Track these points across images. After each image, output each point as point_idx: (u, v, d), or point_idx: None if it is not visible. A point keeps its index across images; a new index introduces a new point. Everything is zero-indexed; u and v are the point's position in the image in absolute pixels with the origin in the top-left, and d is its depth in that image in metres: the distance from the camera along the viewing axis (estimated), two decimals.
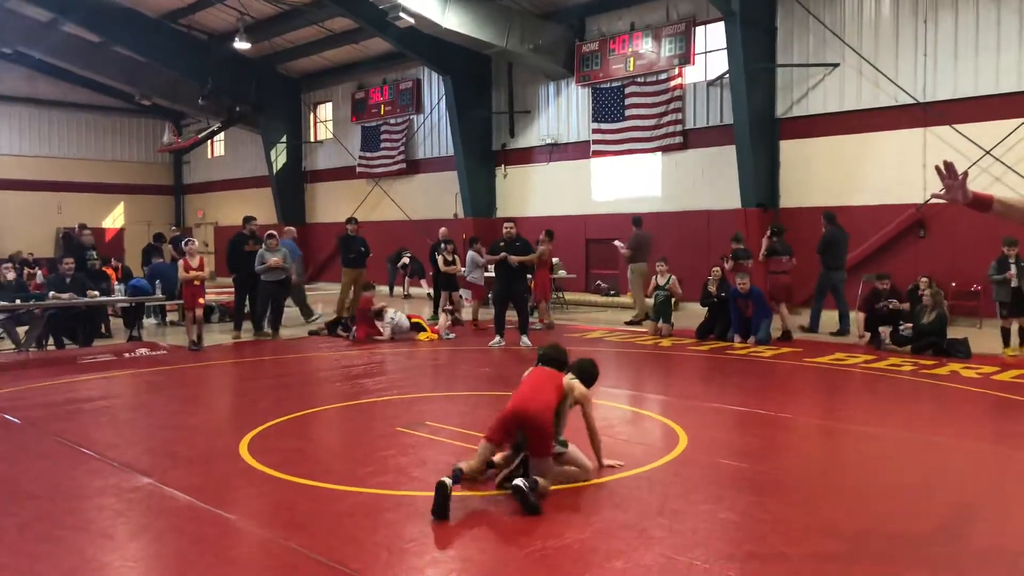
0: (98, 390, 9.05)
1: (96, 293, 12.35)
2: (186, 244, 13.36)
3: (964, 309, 13.62)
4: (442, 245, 16.21)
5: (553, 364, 5.79)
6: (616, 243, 16.05)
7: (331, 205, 26.92)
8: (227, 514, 4.94)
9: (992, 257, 13.35)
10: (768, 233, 13.61)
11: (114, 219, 32.11)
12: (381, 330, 13.16)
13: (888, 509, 4.97)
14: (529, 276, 13.55)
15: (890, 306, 11.68)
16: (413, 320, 13.71)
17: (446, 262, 15.27)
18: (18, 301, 11.35)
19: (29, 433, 7.04)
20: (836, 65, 15.60)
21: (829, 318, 13.60)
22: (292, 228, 17.60)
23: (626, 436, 6.96)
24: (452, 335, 13.50)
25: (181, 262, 12.78)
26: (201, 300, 12.31)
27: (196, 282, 12.41)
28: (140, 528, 4.80)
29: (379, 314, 13.31)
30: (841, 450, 6.44)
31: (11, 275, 11.85)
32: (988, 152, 13.91)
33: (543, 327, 14.44)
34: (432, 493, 4.85)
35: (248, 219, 14.42)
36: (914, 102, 14.66)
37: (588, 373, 5.90)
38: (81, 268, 13.18)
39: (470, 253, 15.44)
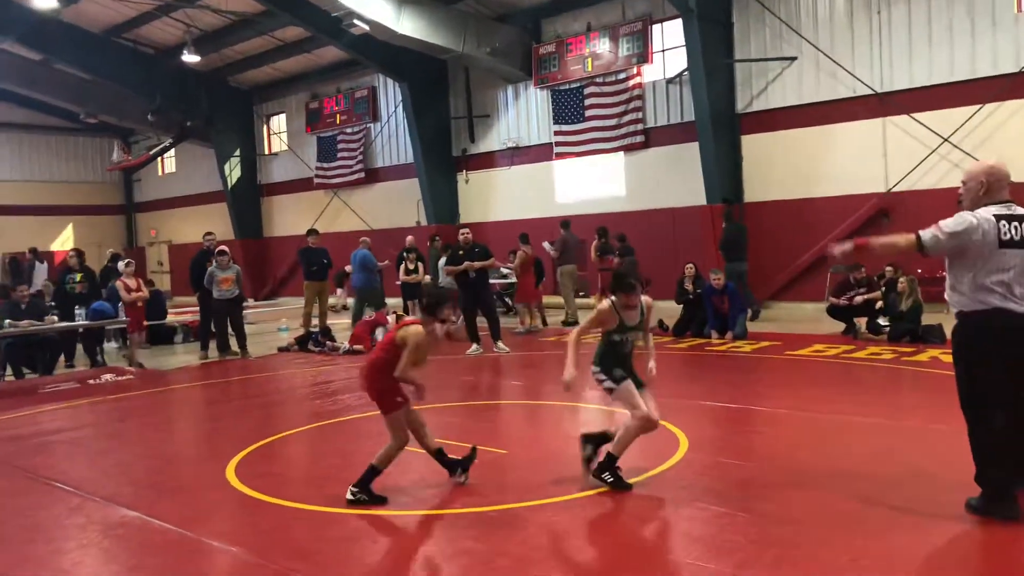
0: (66, 420, 8.66)
1: (55, 319, 11.88)
2: (126, 265, 13.03)
3: (931, 295, 13.74)
4: (404, 254, 16.00)
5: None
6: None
7: (289, 218, 26.44)
8: (227, 547, 4.69)
9: None
10: (596, 235, 15.20)
11: (63, 241, 31.13)
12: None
13: (908, 495, 4.90)
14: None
15: (856, 299, 11.79)
16: (398, 314, 13.59)
17: (407, 271, 15.05)
18: None
19: None
20: (794, 59, 15.73)
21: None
22: (367, 239, 16.99)
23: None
24: None
25: (120, 283, 12.46)
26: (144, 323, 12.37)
27: (139, 303, 12.40)
28: (133, 567, 4.53)
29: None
30: (846, 442, 6.37)
31: None
32: (946, 139, 14.12)
33: (524, 331, 14.33)
34: (426, 512, 4.67)
35: (207, 235, 14.05)
36: (872, 93, 14.84)
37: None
38: (60, 291, 12.84)
39: (441, 260, 15.25)
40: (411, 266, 15.04)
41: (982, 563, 4.21)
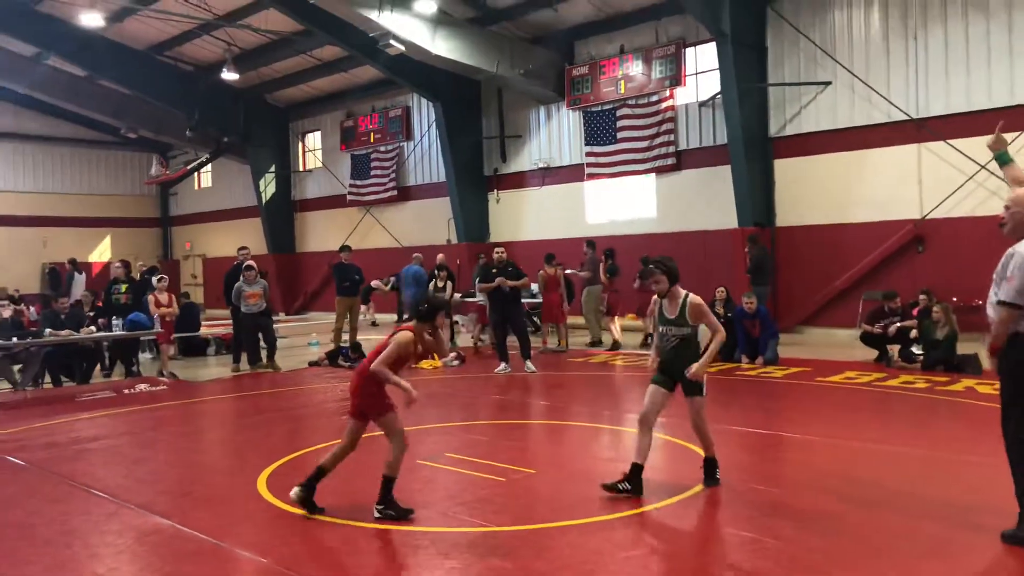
0: (102, 428, 8.82)
1: (93, 329, 12.13)
2: (159, 280, 13.33)
3: (967, 324, 13.55)
4: (435, 272, 16.13)
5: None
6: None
7: (321, 234, 26.75)
8: (258, 557, 4.75)
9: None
10: (604, 256, 15.45)
11: (100, 253, 31.74)
12: None
13: (940, 533, 4.85)
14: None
15: (890, 330, 11.66)
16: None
17: (436, 288, 15.13)
18: (15, 339, 11.08)
19: (37, 476, 6.81)
20: (828, 83, 15.69)
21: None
22: (419, 255, 17.20)
23: (652, 463, 6.80)
24: (456, 363, 13.33)
25: (151, 298, 12.71)
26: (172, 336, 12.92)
27: (168, 318, 12.80)
28: (168, 575, 4.60)
29: None
30: (878, 472, 6.31)
31: (7, 312, 11.58)
32: (983, 167, 13.97)
33: (544, 350, 14.35)
34: (454, 528, 4.71)
35: (240, 249, 14.27)
36: (907, 118, 14.74)
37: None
38: (107, 302, 13.13)
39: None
40: (440, 284, 15.14)
41: None
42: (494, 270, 12.47)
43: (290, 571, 4.51)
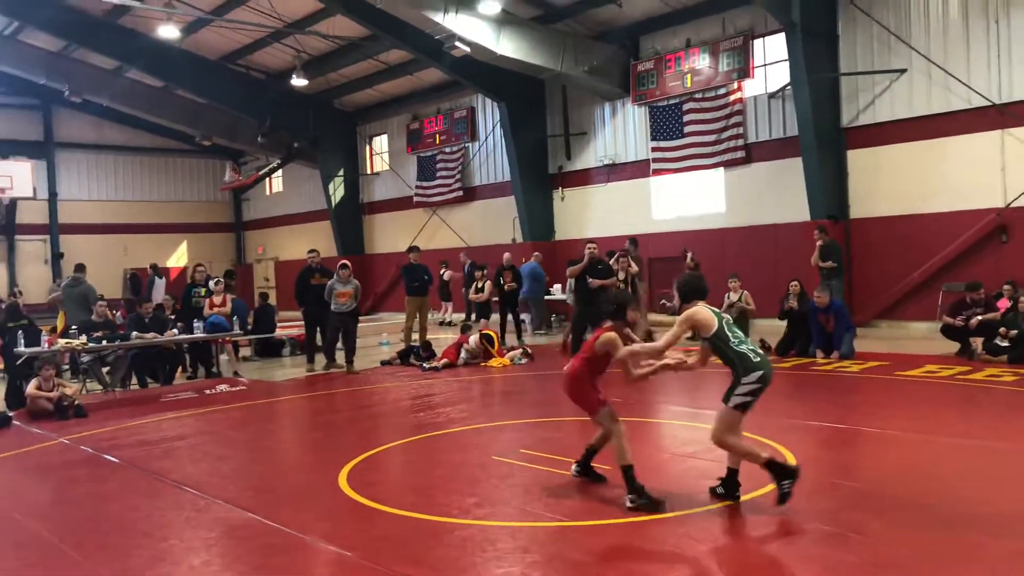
0: (187, 428, 9.14)
1: (176, 332, 12.57)
2: (215, 283, 13.79)
3: None
4: (501, 271, 16.30)
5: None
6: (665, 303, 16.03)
7: (389, 235, 27.16)
8: (343, 551, 4.88)
9: None
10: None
11: (178, 258, 32.81)
12: (464, 353, 13.32)
13: None
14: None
15: (972, 323, 11.29)
16: (484, 332, 13.80)
17: (476, 290, 15.15)
18: (104, 342, 11.56)
19: (130, 472, 7.11)
20: (903, 71, 15.24)
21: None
22: (538, 253, 18.36)
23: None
24: (523, 360, 13.40)
25: (207, 301, 13.22)
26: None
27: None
28: (258, 567, 4.76)
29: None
30: (964, 467, 6.15)
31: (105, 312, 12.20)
32: None
33: None
34: (534, 524, 4.74)
35: (310, 252, 14.56)
36: (989, 104, 14.22)
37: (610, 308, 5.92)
38: (187, 304, 13.67)
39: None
40: (480, 284, 15.22)
41: None
42: (583, 265, 12.52)
43: (375, 565, 4.63)
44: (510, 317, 16.36)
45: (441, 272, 20.39)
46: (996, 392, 9.05)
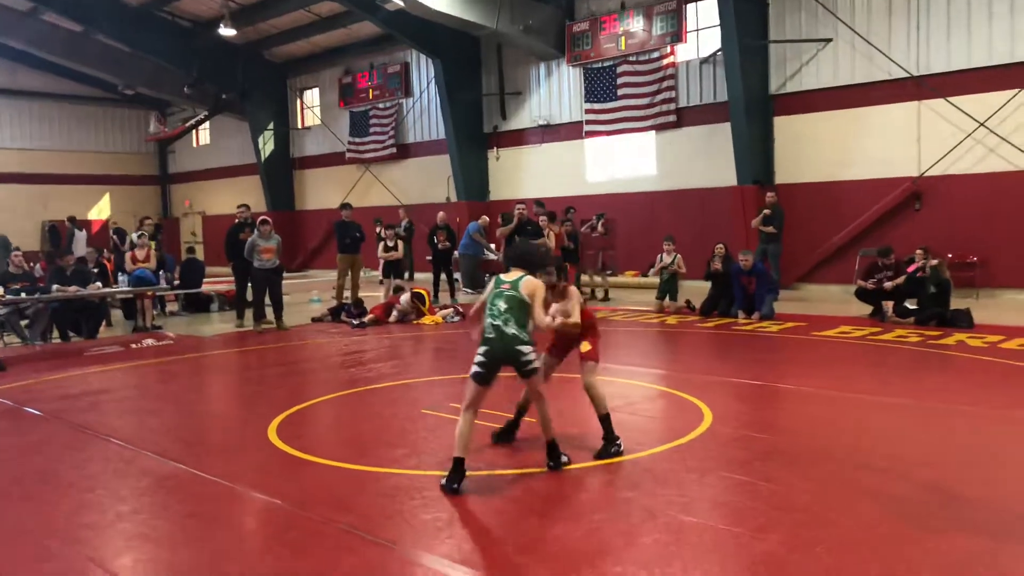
0: (113, 381, 9.02)
1: (99, 285, 12.29)
2: (138, 237, 13.62)
3: (962, 280, 13.76)
4: (435, 230, 16.32)
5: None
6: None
7: (321, 191, 26.81)
8: (272, 499, 4.97)
9: (993, 229, 13.68)
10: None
11: (100, 211, 31.78)
12: (395, 311, 13.34)
13: (928, 477, 5.06)
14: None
15: (885, 284, 11.84)
16: (415, 291, 13.85)
17: (385, 248, 15.11)
18: (23, 295, 11.25)
19: (55, 425, 7.01)
20: (829, 40, 15.67)
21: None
22: (486, 217, 18.23)
23: (651, 413, 7.04)
24: (456, 319, 13.52)
25: (128, 254, 13.09)
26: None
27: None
28: (188, 514, 4.82)
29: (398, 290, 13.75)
30: (870, 421, 6.54)
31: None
32: (982, 124, 14.05)
33: None
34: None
35: (240, 207, 14.32)
36: (908, 76, 14.76)
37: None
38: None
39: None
40: (391, 243, 15.17)
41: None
42: (512, 225, 12.59)
43: (304, 512, 4.73)
44: (443, 276, 16.42)
45: (377, 230, 20.11)
46: (902, 352, 9.56)
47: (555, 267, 5.79)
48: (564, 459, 5.40)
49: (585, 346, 5.83)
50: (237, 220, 13.91)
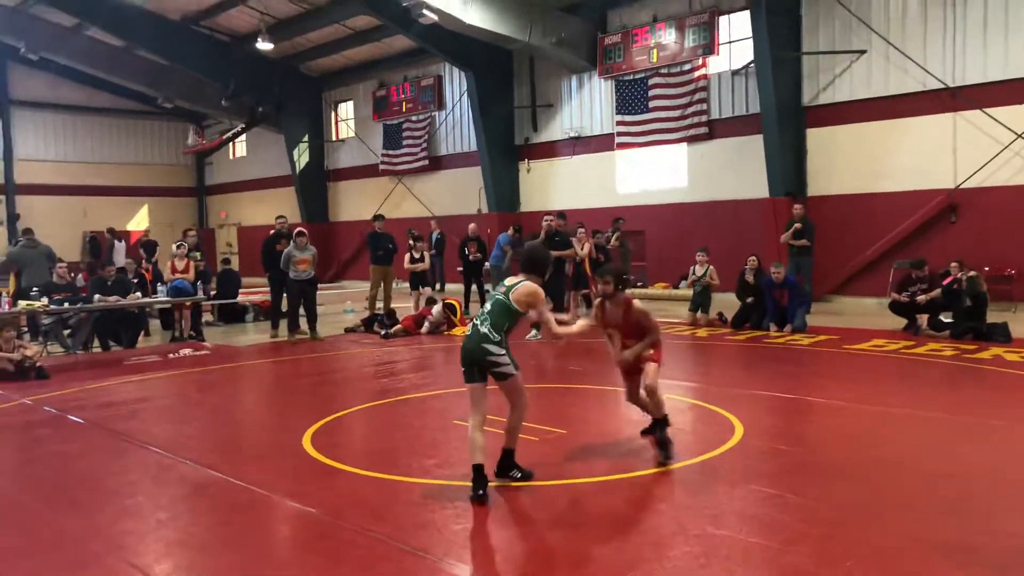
0: (152, 390, 9.22)
1: (139, 295, 12.57)
2: (177, 247, 13.80)
3: (998, 293, 13.57)
4: (466, 241, 16.41)
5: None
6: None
7: (354, 203, 27.10)
8: (306, 507, 5.07)
9: None
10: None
11: (138, 222, 32.39)
12: (427, 323, 13.45)
13: (959, 491, 5.04)
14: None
15: (919, 299, 11.71)
16: (447, 301, 13.94)
17: (412, 259, 15.19)
18: (67, 304, 11.54)
19: (96, 433, 7.21)
20: (863, 52, 15.57)
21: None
22: (520, 224, 17.98)
23: (681, 425, 7.03)
24: None
25: (168, 264, 13.30)
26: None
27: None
28: (222, 522, 4.94)
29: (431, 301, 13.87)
30: (900, 435, 6.51)
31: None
32: (1020, 136, 13.87)
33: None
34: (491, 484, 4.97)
35: (278, 218, 14.54)
36: (943, 87, 14.62)
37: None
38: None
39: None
40: (417, 255, 15.27)
41: None
42: (541, 237, 12.63)
43: (338, 521, 4.82)
44: (474, 287, 16.52)
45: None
46: (935, 366, 9.46)
47: (612, 276, 5.87)
48: (516, 475, 5.41)
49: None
50: (274, 231, 14.12)
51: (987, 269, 13.69)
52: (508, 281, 5.45)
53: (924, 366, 9.49)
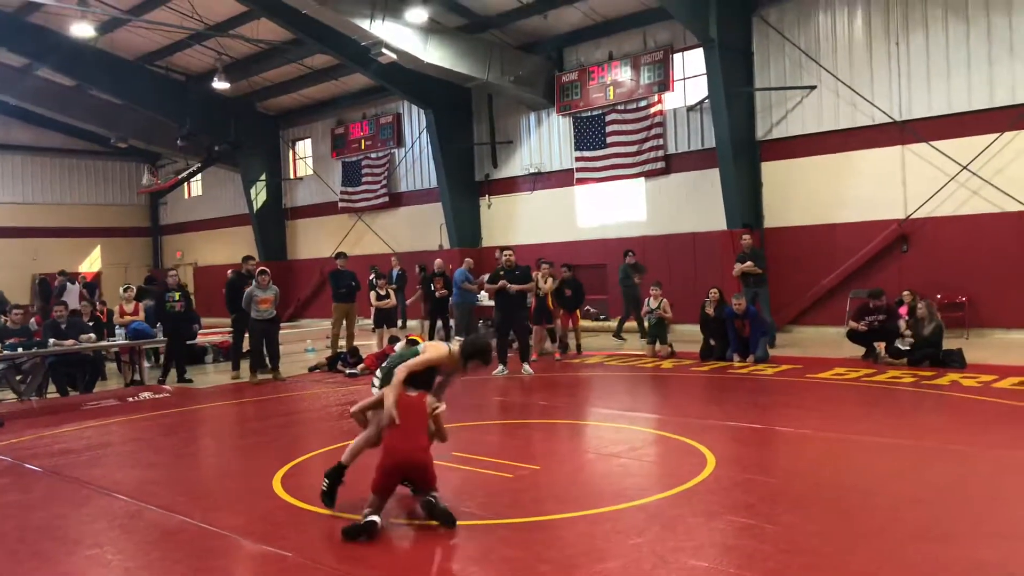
0: (112, 435, 9.00)
1: (92, 336, 12.29)
2: (124, 290, 13.72)
3: (951, 320, 13.94)
4: (432, 277, 16.38)
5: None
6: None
7: (313, 241, 26.95)
8: (284, 552, 4.97)
9: (979, 270, 13.91)
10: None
11: (91, 263, 31.80)
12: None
13: (928, 516, 5.13)
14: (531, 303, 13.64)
15: (876, 324, 11.97)
16: (410, 338, 13.75)
17: (378, 296, 15.13)
18: (20, 349, 11.23)
19: (55, 481, 6.99)
20: (813, 87, 16.04)
21: None
22: (469, 259, 17.53)
23: (653, 458, 7.09)
24: None
25: (117, 307, 13.12)
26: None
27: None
28: (198, 569, 4.81)
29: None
30: (867, 462, 6.61)
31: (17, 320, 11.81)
32: (965, 167, 14.35)
33: (543, 352, 14.44)
34: (468, 522, 4.93)
35: (247, 259, 14.39)
36: (891, 121, 15.10)
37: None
38: (161, 310, 13.25)
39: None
40: (383, 292, 15.24)
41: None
42: (501, 272, 12.64)
43: (316, 564, 4.74)
44: (439, 323, 16.49)
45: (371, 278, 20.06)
46: (897, 393, 9.67)
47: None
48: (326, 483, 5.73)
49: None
50: (244, 270, 13.89)
51: (939, 297, 14.07)
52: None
53: (885, 393, 9.68)
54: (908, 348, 11.53)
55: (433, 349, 5.83)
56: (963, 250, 14.46)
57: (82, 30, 19.11)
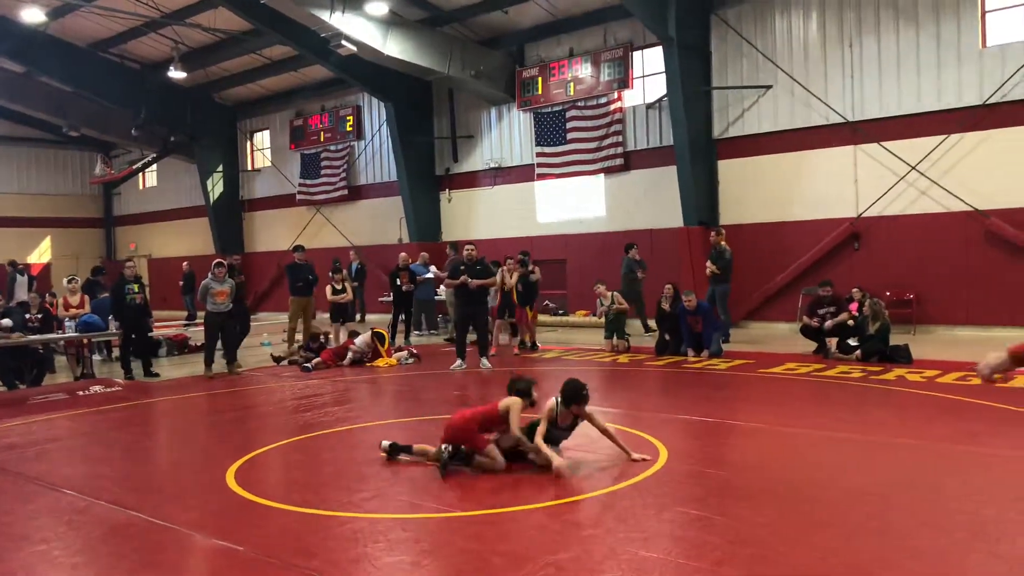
0: (60, 430, 8.83)
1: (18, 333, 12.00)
2: (68, 282, 13.42)
3: (899, 317, 14.26)
4: (397, 271, 16.35)
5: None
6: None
7: (270, 233, 26.65)
8: (235, 546, 4.94)
9: (927, 268, 14.24)
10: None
11: (40, 254, 31.09)
12: (350, 353, 13.22)
13: (875, 509, 5.27)
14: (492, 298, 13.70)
15: (827, 324, 12.19)
16: (376, 331, 13.76)
17: (334, 291, 15.10)
18: None
19: (1, 476, 6.85)
20: (769, 87, 16.28)
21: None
22: (425, 253, 18.28)
23: (608, 450, 7.15)
24: (411, 360, 13.53)
25: (61, 300, 12.90)
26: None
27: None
28: (147, 563, 4.76)
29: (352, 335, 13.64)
30: (817, 455, 6.76)
31: None
32: (914, 167, 14.69)
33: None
34: (423, 515, 4.95)
35: (232, 256, 14.20)
36: (844, 121, 15.40)
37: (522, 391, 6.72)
38: (120, 303, 12.77)
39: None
40: (338, 286, 15.21)
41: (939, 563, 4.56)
42: (462, 267, 12.63)
43: (268, 558, 4.72)
44: (402, 316, 16.45)
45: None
46: (845, 387, 9.88)
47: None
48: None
49: None
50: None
51: (888, 294, 14.40)
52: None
53: (835, 388, 9.89)
54: (857, 344, 11.78)
55: (517, 407, 6.59)
56: (911, 249, 14.81)
57: (32, 15, 18.70)
